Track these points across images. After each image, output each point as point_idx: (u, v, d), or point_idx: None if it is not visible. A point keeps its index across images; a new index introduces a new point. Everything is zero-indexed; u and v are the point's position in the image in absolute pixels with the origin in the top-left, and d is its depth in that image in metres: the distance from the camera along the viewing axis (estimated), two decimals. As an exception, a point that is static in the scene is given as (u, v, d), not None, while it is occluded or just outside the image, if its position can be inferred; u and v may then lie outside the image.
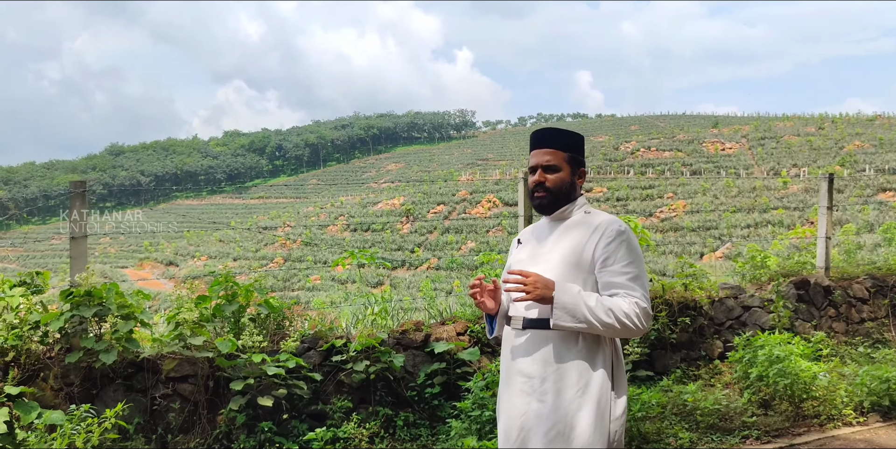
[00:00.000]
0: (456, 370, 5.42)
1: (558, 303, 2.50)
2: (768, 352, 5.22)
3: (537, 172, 2.74)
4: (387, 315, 7.24)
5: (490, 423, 4.73)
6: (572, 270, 2.61)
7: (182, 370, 4.81)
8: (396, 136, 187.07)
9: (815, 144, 75.37)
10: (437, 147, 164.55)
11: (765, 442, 4.81)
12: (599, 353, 2.58)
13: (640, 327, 2.52)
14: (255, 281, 5.31)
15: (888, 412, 5.27)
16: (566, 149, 2.75)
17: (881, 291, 7.38)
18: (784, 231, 45.80)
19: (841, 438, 4.85)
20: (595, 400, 2.53)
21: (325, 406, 5.06)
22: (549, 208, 2.75)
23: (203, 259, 66.90)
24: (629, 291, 2.54)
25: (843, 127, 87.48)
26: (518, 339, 2.66)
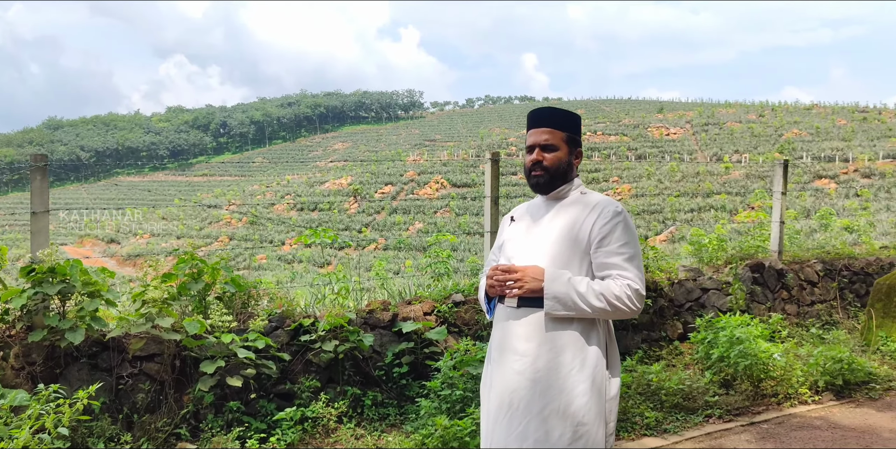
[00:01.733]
0: (424, 350, 5.43)
1: (549, 293, 2.50)
2: (729, 333, 5.35)
3: (535, 151, 2.71)
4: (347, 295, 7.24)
5: (461, 402, 4.76)
6: (567, 249, 2.60)
7: (148, 349, 4.71)
8: (344, 116, 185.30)
9: (756, 131, 77.08)
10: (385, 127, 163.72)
11: (727, 420, 4.95)
12: (593, 332, 2.57)
13: (633, 309, 2.52)
14: (222, 259, 5.23)
15: (840, 391, 5.46)
16: (564, 128, 2.72)
17: (830, 274, 7.62)
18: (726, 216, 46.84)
19: (798, 416, 5.01)
20: (590, 378, 2.52)
21: (293, 386, 5.03)
22: (545, 187, 2.72)
23: (146, 237, 65.65)
24: (622, 272, 2.53)
25: (782, 115, 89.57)
26: (512, 317, 2.63)
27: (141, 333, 4.66)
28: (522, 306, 2.59)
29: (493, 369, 2.72)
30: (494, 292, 2.65)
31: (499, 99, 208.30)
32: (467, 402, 4.77)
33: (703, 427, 4.84)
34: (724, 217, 46.73)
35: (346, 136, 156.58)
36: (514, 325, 2.62)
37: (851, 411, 5.13)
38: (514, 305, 2.62)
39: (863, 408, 5.22)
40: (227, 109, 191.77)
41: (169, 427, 4.61)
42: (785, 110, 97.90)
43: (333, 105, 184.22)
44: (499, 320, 2.72)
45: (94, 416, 4.41)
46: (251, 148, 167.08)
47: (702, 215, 48.98)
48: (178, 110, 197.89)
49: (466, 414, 4.62)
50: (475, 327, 5.76)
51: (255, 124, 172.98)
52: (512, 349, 2.61)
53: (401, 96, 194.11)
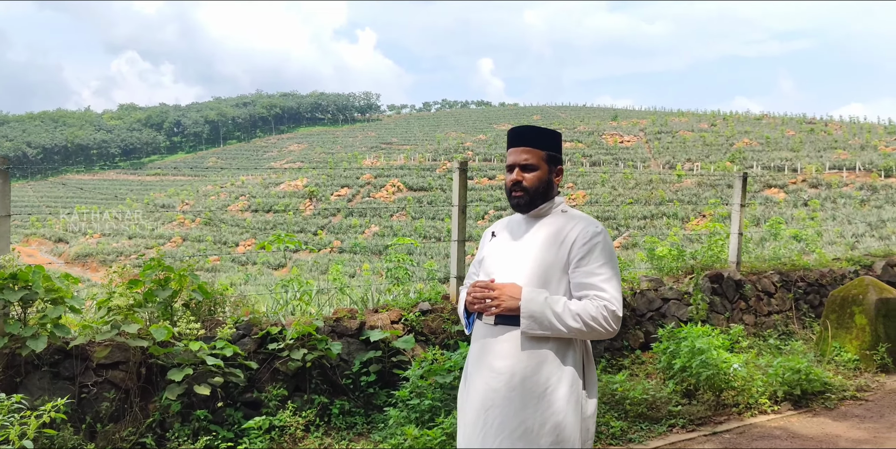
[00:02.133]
0: (391, 358, 5.43)
1: (525, 312, 2.51)
2: (691, 344, 5.45)
3: (515, 171, 2.70)
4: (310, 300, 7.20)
5: (430, 411, 4.77)
6: (546, 268, 2.60)
7: (113, 357, 4.64)
8: (300, 117, 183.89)
9: (708, 140, 78.42)
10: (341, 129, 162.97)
11: (690, 430, 5.03)
12: (570, 351, 2.58)
13: (609, 330, 2.52)
14: (188, 266, 5.17)
15: (798, 401, 5.59)
16: (544, 147, 2.72)
17: (786, 285, 7.80)
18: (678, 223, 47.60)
19: (759, 426, 5.12)
20: (566, 397, 2.52)
21: (260, 394, 4.99)
22: (525, 207, 2.72)
23: (96, 237, 64.31)
24: (600, 293, 2.53)
25: (733, 124, 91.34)
26: (489, 334, 2.64)
27: (106, 341, 4.58)
28: (499, 324, 2.60)
29: (469, 384, 2.71)
30: (473, 309, 2.65)
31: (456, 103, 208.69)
32: (436, 411, 4.78)
33: (668, 437, 4.92)
34: (677, 224, 47.49)
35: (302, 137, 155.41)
36: (490, 342, 2.63)
37: (809, 421, 5.26)
38: (491, 323, 2.63)
39: (820, 417, 5.35)
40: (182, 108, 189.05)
41: (134, 436, 4.53)
42: (736, 120, 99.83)
43: (289, 106, 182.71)
44: (477, 336, 2.73)
45: (55, 426, 4.32)
46: (205, 148, 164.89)
47: (654, 222, 49.70)
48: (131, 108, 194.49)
49: (436, 424, 4.62)
50: (442, 336, 5.78)
51: (210, 124, 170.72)
52: (488, 366, 2.61)
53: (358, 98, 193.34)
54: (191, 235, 60.29)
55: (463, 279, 6.25)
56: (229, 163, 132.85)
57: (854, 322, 6.60)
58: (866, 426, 5.14)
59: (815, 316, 7.74)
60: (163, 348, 4.62)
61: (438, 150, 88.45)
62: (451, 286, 6.16)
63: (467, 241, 6.49)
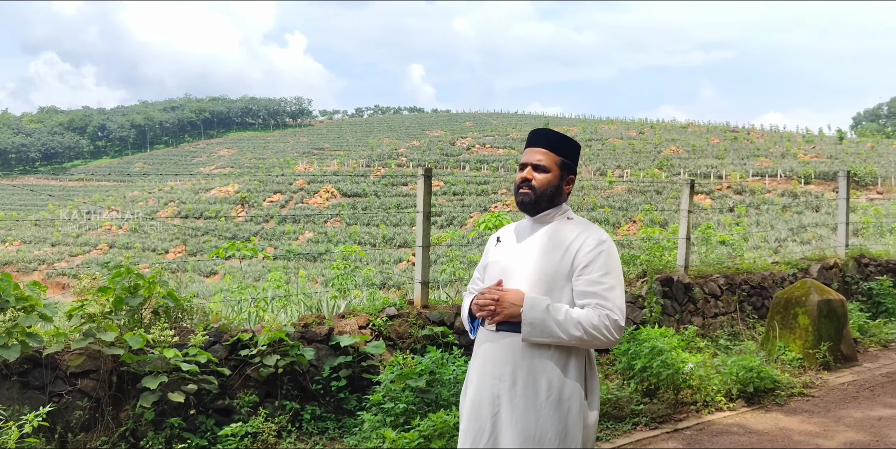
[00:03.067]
0: (361, 363, 5.48)
1: (526, 319, 2.51)
2: (651, 345, 5.65)
3: (526, 169, 2.71)
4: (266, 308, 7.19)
5: (404, 414, 4.84)
6: (550, 275, 2.61)
7: (84, 366, 4.58)
8: (230, 121, 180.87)
9: (637, 148, 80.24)
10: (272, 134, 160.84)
11: (653, 428, 5.22)
12: (572, 360, 2.58)
13: (611, 339, 2.53)
14: (157, 273, 5.13)
15: (751, 398, 5.85)
16: (560, 152, 2.72)
17: (731, 288, 8.12)
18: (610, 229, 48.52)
19: (716, 423, 5.35)
20: (567, 405, 2.53)
21: (232, 401, 4.99)
22: (530, 207, 2.71)
23: (16, 244, 62.08)
24: (602, 302, 2.53)
25: (660, 132, 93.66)
26: (491, 340, 2.66)
27: (79, 349, 4.52)
28: (501, 330, 2.62)
29: (472, 391, 2.72)
30: (480, 314, 2.67)
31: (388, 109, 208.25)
32: (410, 414, 4.85)
33: (632, 435, 5.10)
34: (609, 230, 48.42)
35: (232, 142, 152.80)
36: (492, 348, 2.65)
37: (763, 417, 5.52)
38: (493, 329, 2.65)
39: (772, 413, 5.62)
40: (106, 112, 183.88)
41: (107, 446, 4.49)
42: (663, 128, 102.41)
43: (219, 110, 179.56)
44: (480, 342, 2.74)
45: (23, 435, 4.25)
46: (131, 152, 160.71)
47: (587, 228, 50.53)
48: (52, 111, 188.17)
49: (412, 426, 4.70)
50: (409, 340, 5.85)
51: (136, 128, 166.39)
52: (490, 373, 2.63)
53: (289, 103, 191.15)
54: (118, 242, 58.73)
55: (427, 284, 6.36)
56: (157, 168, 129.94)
57: (797, 322, 6.93)
58: (815, 420, 5.42)
59: (758, 317, 8.07)
60: (136, 356, 4.58)
61: (372, 156, 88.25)
62: (416, 291, 6.24)
63: (402, 247, 6.57)
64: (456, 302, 6.50)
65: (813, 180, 58.02)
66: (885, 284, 9.19)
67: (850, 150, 72.76)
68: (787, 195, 54.25)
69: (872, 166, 58.11)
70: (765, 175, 61.41)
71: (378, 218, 58.91)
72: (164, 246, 56.18)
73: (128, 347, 4.54)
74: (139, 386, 4.63)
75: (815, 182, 57.74)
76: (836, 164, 61.45)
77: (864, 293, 9.18)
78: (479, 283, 2.91)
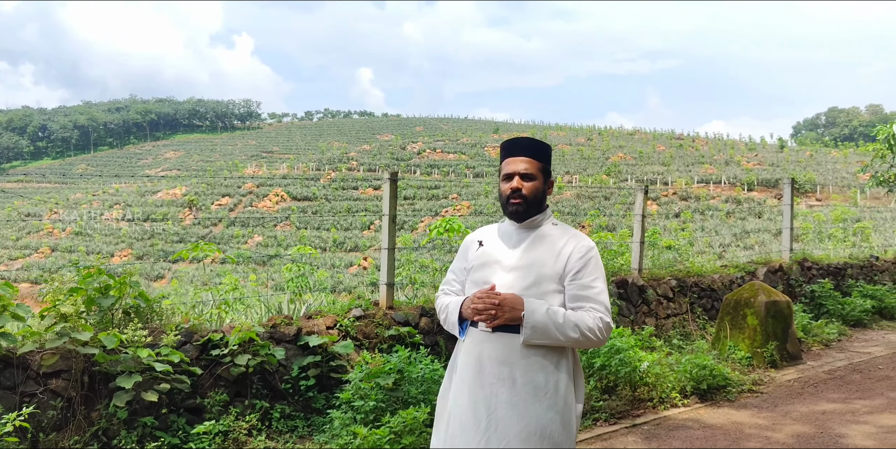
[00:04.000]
0: (329, 363, 5.59)
1: (528, 322, 2.61)
2: (610, 344, 5.87)
3: (514, 179, 2.79)
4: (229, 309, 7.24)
5: (373, 412, 4.96)
6: (544, 280, 2.72)
7: (55, 366, 4.61)
8: (176, 123, 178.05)
9: (585, 154, 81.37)
10: (220, 137, 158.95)
11: (612, 423, 5.44)
12: (563, 359, 2.71)
13: (602, 339, 2.68)
14: (127, 274, 5.17)
15: (704, 395, 6.12)
16: (540, 159, 2.83)
17: (682, 290, 8.41)
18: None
19: (672, 418, 5.58)
20: (563, 401, 2.66)
21: (203, 400, 5.05)
22: (522, 215, 2.81)
23: (-49, 247, 60.20)
24: (594, 305, 2.68)
25: (608, 139, 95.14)
26: (486, 340, 2.72)
27: (53, 349, 4.55)
28: (497, 331, 2.69)
29: (464, 390, 2.77)
30: (477, 318, 2.72)
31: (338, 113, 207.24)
32: (380, 412, 4.98)
33: (593, 430, 5.31)
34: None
35: (179, 144, 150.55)
36: (488, 349, 2.71)
37: (716, 412, 5.78)
38: (489, 330, 2.71)
39: (723, 408, 5.88)
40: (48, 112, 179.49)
41: (79, 445, 4.52)
42: (610, 135, 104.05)
43: (165, 112, 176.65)
44: (471, 343, 2.78)
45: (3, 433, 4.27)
46: (74, 154, 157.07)
47: (537, 233, 51.04)
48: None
49: (382, 423, 4.82)
50: (375, 340, 5.97)
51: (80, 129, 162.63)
52: (487, 372, 2.70)
53: (237, 106, 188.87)
54: (60, 246, 57.42)
55: (393, 286, 6.48)
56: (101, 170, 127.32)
57: (746, 323, 7.24)
58: (765, 415, 5.69)
59: (707, 318, 8.38)
60: (109, 356, 4.62)
61: (322, 159, 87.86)
62: (382, 292, 6.36)
63: (353, 251, 6.70)
64: (419, 303, 6.63)
65: (755, 187, 59.60)
66: (826, 286, 9.61)
67: (791, 158, 74.85)
68: (730, 201, 55.61)
69: (812, 174, 59.91)
70: (709, 182, 62.85)
71: (329, 222, 58.69)
72: (110, 249, 55.11)
73: (101, 347, 4.58)
74: (111, 386, 4.66)
75: (758, 189, 59.31)
76: (778, 172, 63.23)
77: (806, 295, 9.58)
78: (457, 284, 2.99)
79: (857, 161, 70.83)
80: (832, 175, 62.10)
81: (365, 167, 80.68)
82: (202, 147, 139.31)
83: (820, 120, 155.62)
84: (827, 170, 65.68)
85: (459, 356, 2.85)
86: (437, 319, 6.38)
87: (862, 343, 8.58)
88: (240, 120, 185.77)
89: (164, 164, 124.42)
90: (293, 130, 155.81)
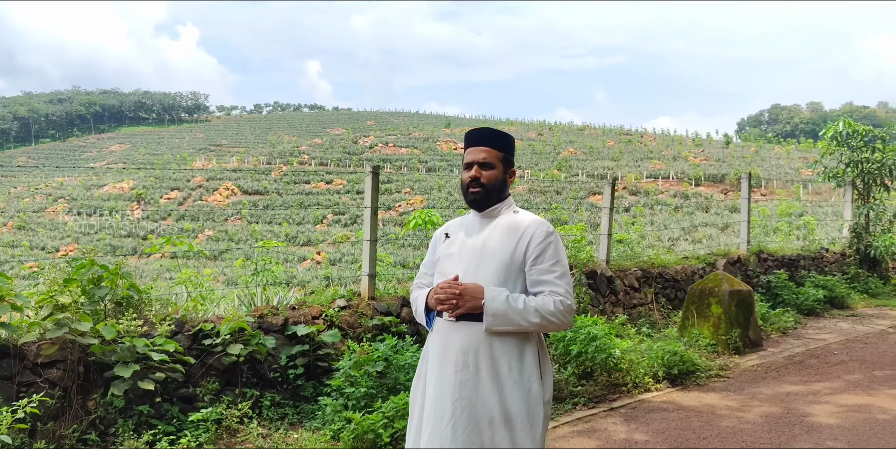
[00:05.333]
0: (316, 352, 5.71)
1: (489, 310, 2.66)
2: (587, 332, 6.11)
3: (473, 168, 2.85)
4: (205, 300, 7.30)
5: (364, 398, 5.11)
6: (504, 267, 2.77)
7: (52, 356, 4.65)
8: (122, 116, 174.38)
9: (537, 149, 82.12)
10: (167, 129, 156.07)
11: (591, 407, 5.67)
12: (528, 343, 2.76)
13: (565, 322, 2.73)
14: (119, 265, 5.22)
15: (675, 379, 6.40)
16: (500, 148, 2.89)
17: (647, 280, 8.71)
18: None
19: (648, 401, 5.84)
20: (528, 385, 2.70)
21: (195, 389, 5.14)
22: (481, 204, 2.87)
23: None
24: (555, 288, 2.72)
25: (558, 134, 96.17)
26: (451, 329, 2.77)
27: (52, 339, 4.59)
28: (461, 320, 2.75)
29: (431, 379, 2.83)
30: (439, 309, 2.78)
31: (288, 106, 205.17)
32: (371, 398, 5.13)
33: (574, 413, 5.53)
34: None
35: (125, 137, 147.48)
36: (453, 337, 2.76)
37: (687, 395, 6.06)
38: (452, 319, 2.76)
39: (694, 392, 6.16)
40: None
41: (77, 434, 4.58)
42: (561, 130, 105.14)
43: (111, 104, 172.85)
44: (437, 332, 2.84)
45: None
46: (14, 146, 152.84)
47: (490, 227, 51.41)
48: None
49: (374, 409, 4.98)
50: (359, 330, 6.11)
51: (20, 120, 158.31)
52: (452, 361, 2.74)
53: (185, 98, 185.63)
54: (2, 240, 55.97)
55: (374, 276, 6.62)
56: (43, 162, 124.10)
57: (711, 311, 7.55)
58: (734, 397, 5.99)
59: (672, 307, 8.70)
60: (106, 346, 4.69)
61: (273, 153, 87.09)
62: (364, 283, 6.50)
63: (306, 246, 6.81)
64: (399, 294, 6.78)
65: (703, 182, 60.88)
66: (781, 277, 10.02)
67: (737, 154, 76.61)
68: (678, 196, 56.73)
69: (757, 170, 61.41)
70: (658, 177, 64.02)
71: (281, 216, 58.29)
72: (55, 244, 53.92)
73: (99, 337, 4.65)
74: (108, 375, 4.73)
75: (705, 184, 60.60)
76: (724, 168, 64.71)
77: (763, 286, 9.98)
78: (428, 277, 3.04)
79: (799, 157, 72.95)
80: (776, 171, 63.77)
81: (317, 161, 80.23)
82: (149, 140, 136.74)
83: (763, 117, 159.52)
84: (771, 165, 67.40)
85: (429, 346, 2.91)
86: (418, 309, 6.57)
87: (816, 330, 8.99)
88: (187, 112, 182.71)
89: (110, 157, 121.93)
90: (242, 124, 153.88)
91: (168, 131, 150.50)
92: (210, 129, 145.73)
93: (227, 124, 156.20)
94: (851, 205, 12.63)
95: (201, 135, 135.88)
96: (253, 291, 7.52)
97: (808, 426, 5.27)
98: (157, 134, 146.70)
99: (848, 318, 9.90)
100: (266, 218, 58.40)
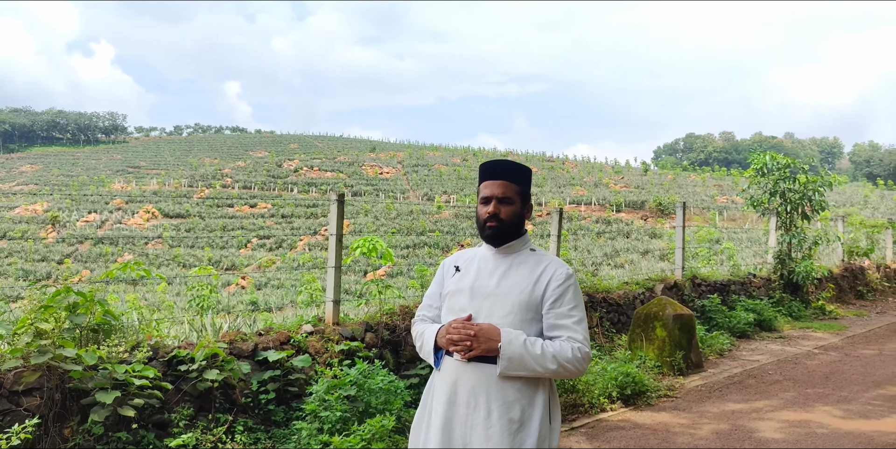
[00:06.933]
0: (287, 377, 5.81)
1: (504, 354, 2.58)
2: (546, 354, 6.37)
3: (492, 204, 2.75)
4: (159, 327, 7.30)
5: (340, 422, 5.24)
6: (522, 309, 2.68)
7: (26, 383, 4.64)
8: (34, 135, 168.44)
9: (462, 174, 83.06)
10: (83, 150, 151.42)
11: (553, 427, 5.91)
12: (540, 388, 2.68)
13: (581, 370, 2.66)
14: (93, 292, 5.24)
15: (628, 399, 6.71)
16: (518, 182, 2.79)
17: (593, 305, 9.06)
18: (440, 252, 49.91)
19: (605, 421, 6.13)
20: (538, 431, 2.64)
21: (170, 415, 5.17)
22: (499, 240, 2.79)
23: None
24: (573, 334, 2.65)
25: (483, 160, 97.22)
26: (461, 370, 2.69)
27: (33, 366, 4.58)
28: (473, 361, 2.66)
29: (436, 420, 2.75)
30: (453, 349, 2.68)
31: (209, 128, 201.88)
32: (346, 421, 5.26)
33: (538, 433, 5.76)
34: (438, 253, 49.82)
35: (36, 157, 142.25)
36: (464, 379, 2.68)
37: (642, 414, 6.37)
38: (464, 361, 2.68)
39: (647, 411, 6.49)
40: None
41: (56, 462, 4.56)
42: (485, 156, 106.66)
43: (21, 123, 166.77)
44: (446, 372, 2.75)
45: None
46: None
47: (416, 252, 51.73)
48: None
49: (350, 432, 5.11)
50: (325, 355, 6.23)
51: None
52: (464, 403, 2.67)
53: (101, 118, 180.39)
54: None
55: (339, 302, 6.75)
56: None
57: (656, 334, 7.93)
58: (684, 416, 6.34)
59: (615, 331, 9.06)
60: (87, 372, 4.70)
61: (195, 175, 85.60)
62: (328, 309, 6.62)
63: (229, 270, 6.94)
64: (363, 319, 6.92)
65: (623, 209, 62.62)
66: (715, 301, 10.54)
67: (655, 181, 79.09)
68: (601, 222, 58.18)
69: (675, 196, 63.53)
70: (580, 203, 65.57)
71: (203, 240, 57.24)
72: (-38, 268, 51.62)
73: (80, 364, 4.66)
74: (85, 401, 4.74)
75: (626, 210, 62.37)
76: (644, 194, 66.73)
77: (698, 309, 10.46)
78: (433, 310, 2.96)
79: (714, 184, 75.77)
80: (692, 198, 66.08)
81: (240, 184, 79.20)
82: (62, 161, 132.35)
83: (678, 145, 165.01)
84: (688, 192, 69.82)
85: (434, 386, 2.82)
86: (381, 334, 6.72)
87: (749, 352, 9.49)
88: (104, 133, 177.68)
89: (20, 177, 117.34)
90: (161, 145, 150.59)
91: (83, 152, 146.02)
92: (128, 151, 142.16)
93: (146, 146, 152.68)
94: (776, 232, 13.35)
95: (119, 156, 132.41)
96: (203, 319, 7.55)
97: (756, 441, 5.64)
98: (71, 154, 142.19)
99: (777, 340, 10.47)
100: (188, 242, 57.26)
